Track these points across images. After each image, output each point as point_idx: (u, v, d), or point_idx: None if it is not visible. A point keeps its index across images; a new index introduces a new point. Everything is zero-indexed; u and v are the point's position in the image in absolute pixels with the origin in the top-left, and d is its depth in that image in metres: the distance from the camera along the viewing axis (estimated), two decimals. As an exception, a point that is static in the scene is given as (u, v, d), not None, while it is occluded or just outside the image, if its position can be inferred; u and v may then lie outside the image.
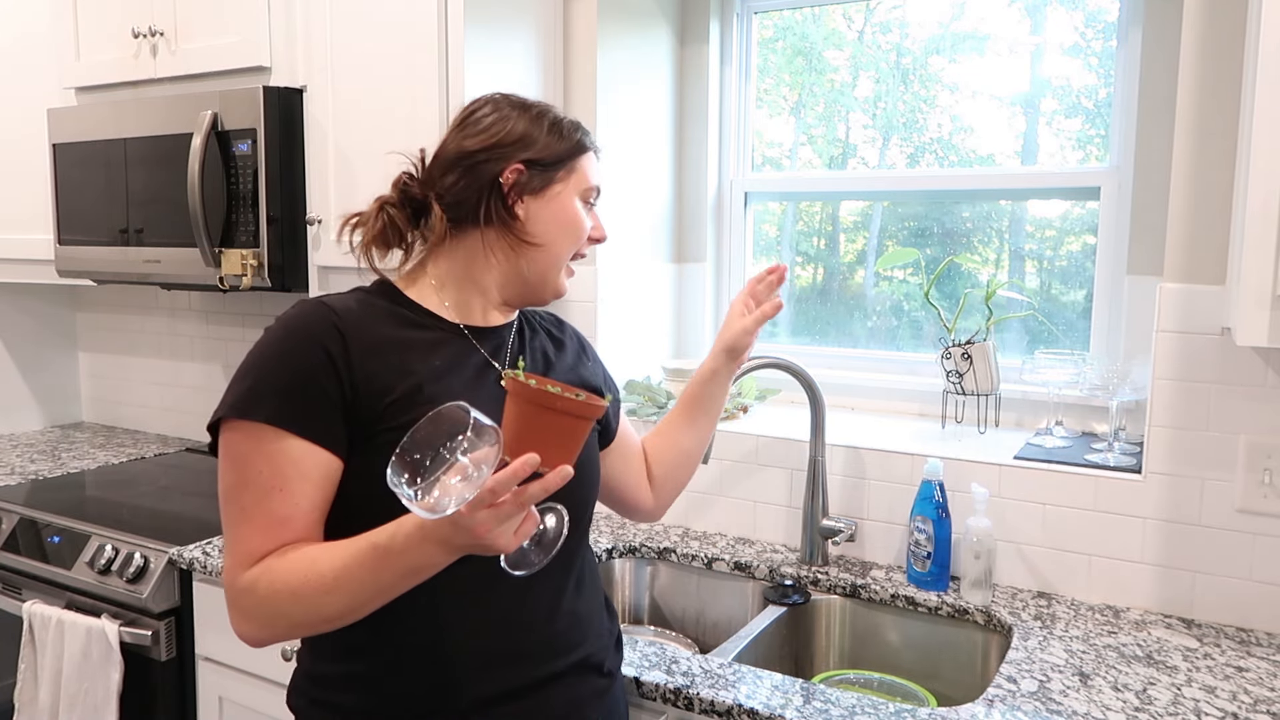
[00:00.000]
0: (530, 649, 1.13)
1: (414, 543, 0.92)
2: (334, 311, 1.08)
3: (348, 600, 0.97)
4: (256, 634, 1.02)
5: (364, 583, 0.95)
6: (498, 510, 0.87)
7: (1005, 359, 1.99)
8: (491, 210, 1.14)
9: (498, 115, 1.17)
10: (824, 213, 2.32)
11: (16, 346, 2.92)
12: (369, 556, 0.95)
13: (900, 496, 1.79)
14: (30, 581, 2.01)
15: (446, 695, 1.09)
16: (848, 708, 1.28)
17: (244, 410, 1.02)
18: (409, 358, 1.09)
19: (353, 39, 1.95)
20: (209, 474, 2.49)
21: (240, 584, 1.01)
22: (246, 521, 1.02)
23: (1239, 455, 1.53)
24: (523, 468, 0.87)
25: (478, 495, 0.85)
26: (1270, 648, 1.48)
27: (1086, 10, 1.95)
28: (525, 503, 0.88)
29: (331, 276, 2.05)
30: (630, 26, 2.14)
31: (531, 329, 1.28)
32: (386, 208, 1.16)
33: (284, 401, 1.02)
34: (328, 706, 1.11)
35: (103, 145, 2.25)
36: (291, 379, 1.03)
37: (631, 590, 1.96)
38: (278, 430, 1.01)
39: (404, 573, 0.95)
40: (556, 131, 1.18)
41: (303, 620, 1.00)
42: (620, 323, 2.16)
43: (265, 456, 1.02)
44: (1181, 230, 1.54)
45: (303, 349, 1.04)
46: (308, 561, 0.98)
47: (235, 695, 1.85)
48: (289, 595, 0.98)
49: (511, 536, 0.90)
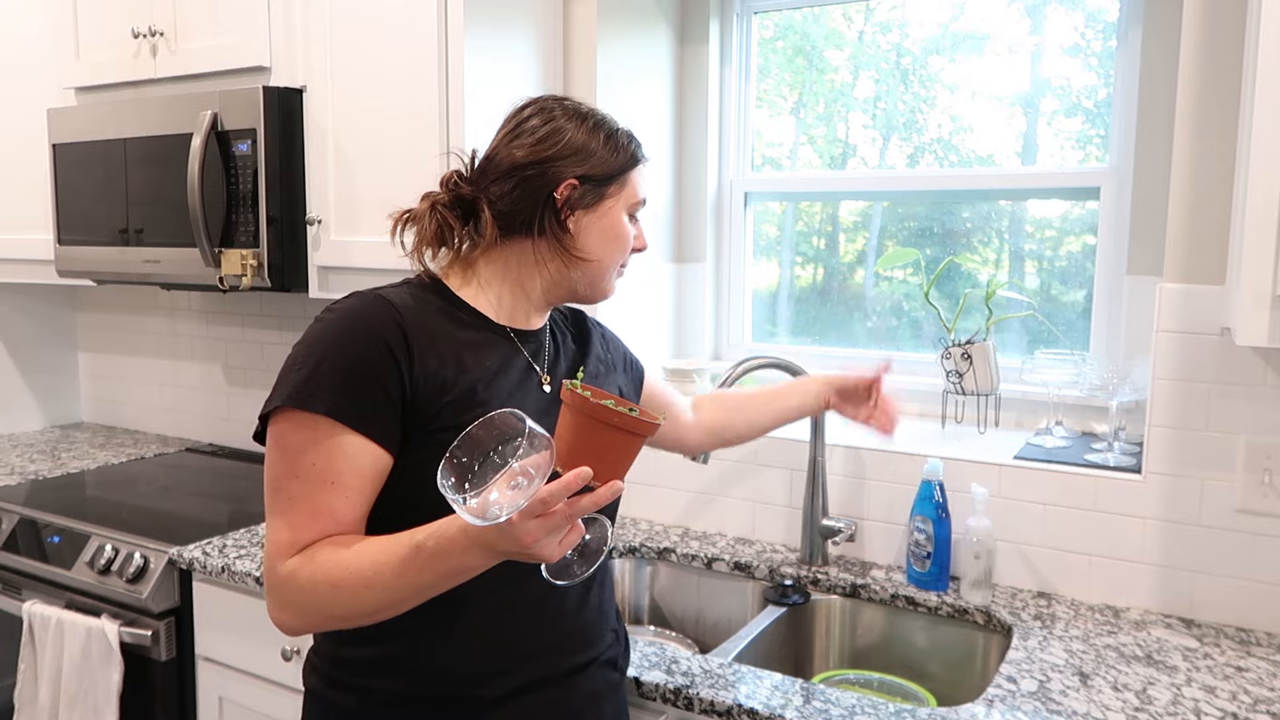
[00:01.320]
0: (557, 641, 1.15)
1: (458, 546, 0.92)
2: (394, 307, 1.07)
3: (386, 596, 0.97)
4: (292, 622, 1.03)
5: (405, 580, 0.96)
6: (547, 520, 0.87)
7: (1005, 359, 1.99)
8: (545, 223, 1.14)
9: (551, 126, 1.16)
10: (824, 213, 2.32)
11: (16, 346, 2.92)
12: (411, 556, 0.95)
13: (900, 496, 1.79)
14: (30, 581, 2.01)
15: (477, 683, 1.10)
16: (848, 708, 1.28)
17: (301, 401, 1.01)
18: (465, 358, 1.09)
19: (353, 39, 1.95)
20: (209, 474, 2.49)
21: (281, 572, 1.01)
22: (294, 511, 1.01)
23: (1239, 455, 1.53)
24: (576, 480, 0.87)
25: (529, 504, 0.85)
26: (1270, 648, 1.48)
27: (1086, 10, 1.95)
28: (575, 515, 0.88)
29: (332, 276, 2.05)
30: (630, 26, 2.14)
31: (561, 331, 1.28)
32: (438, 207, 1.15)
33: (343, 395, 1.01)
34: (350, 688, 1.12)
35: (102, 145, 2.25)
36: (351, 372, 1.02)
37: (631, 590, 1.96)
38: (334, 423, 1.00)
39: (445, 574, 0.95)
40: (612, 145, 1.17)
41: (339, 613, 1.00)
42: (620, 323, 2.15)
43: (320, 450, 1.00)
44: (1181, 230, 1.54)
45: (364, 342, 1.03)
46: (349, 555, 0.98)
47: (235, 695, 1.85)
48: (329, 587, 0.98)
49: (556, 546, 0.90)
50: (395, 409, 1.03)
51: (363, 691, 1.11)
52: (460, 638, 1.10)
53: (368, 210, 1.98)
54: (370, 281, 1.22)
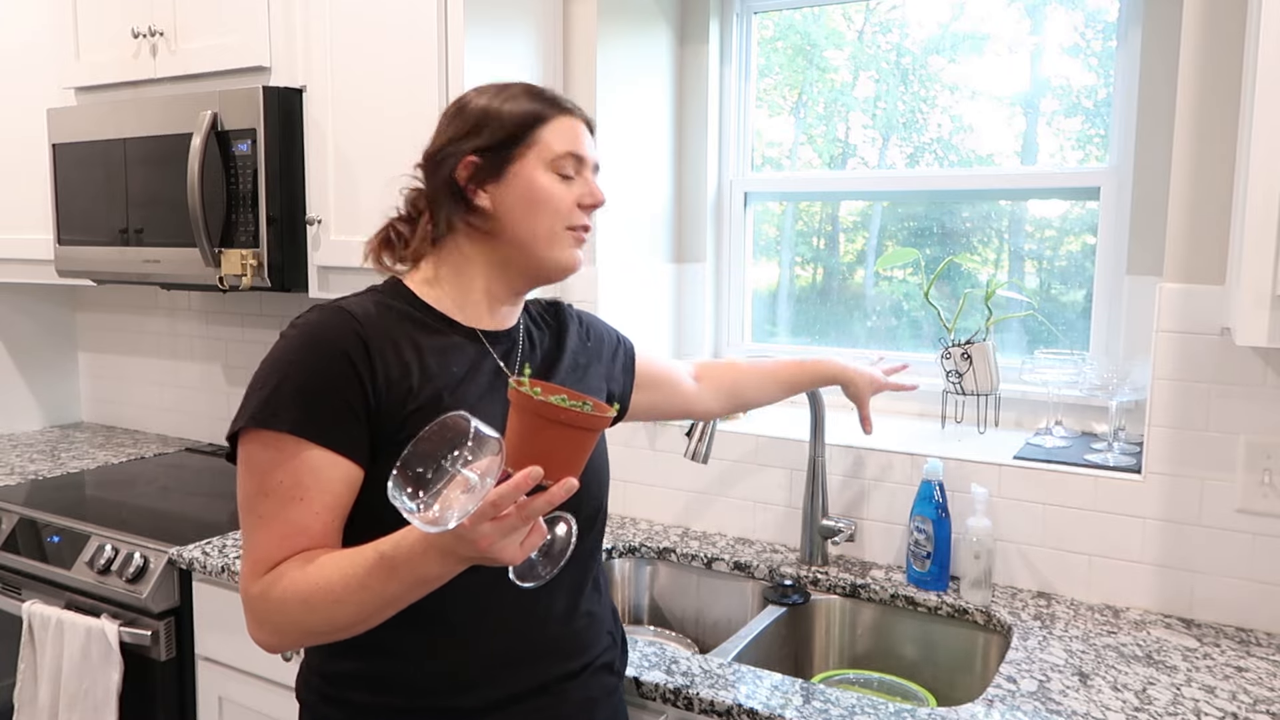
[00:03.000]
0: (547, 648, 1.14)
1: (418, 554, 0.91)
2: (354, 317, 1.05)
3: (357, 610, 0.96)
4: (269, 639, 1.02)
5: (372, 592, 0.94)
6: (501, 524, 0.85)
7: (1005, 359, 1.99)
8: (455, 210, 1.11)
9: (457, 107, 1.14)
10: (824, 213, 2.32)
11: (16, 346, 2.92)
12: (376, 566, 0.94)
13: (900, 496, 1.79)
14: (30, 581, 2.01)
15: (464, 693, 1.09)
16: (847, 708, 1.28)
17: (264, 420, 1.00)
18: (429, 364, 1.07)
19: (353, 39, 1.95)
20: (208, 474, 2.49)
21: (254, 590, 1.01)
22: (263, 529, 1.01)
23: (1239, 455, 1.53)
24: (526, 480, 0.85)
25: (479, 508, 0.83)
26: (1270, 648, 1.48)
27: (1086, 10, 1.95)
28: (529, 516, 0.87)
29: (331, 276, 2.05)
30: (630, 26, 2.14)
31: (538, 327, 1.25)
32: (391, 219, 1.17)
33: (305, 411, 1.00)
34: (338, 702, 1.11)
35: (102, 145, 2.25)
36: (313, 387, 1.01)
37: (631, 590, 1.96)
38: (299, 440, 1.00)
39: (411, 584, 0.94)
40: (514, 105, 1.11)
41: (315, 629, 0.99)
42: (620, 323, 2.15)
43: (286, 467, 1.00)
44: (1181, 230, 1.54)
45: (323, 356, 1.02)
46: (316, 570, 0.97)
47: (235, 695, 1.85)
48: (300, 603, 0.97)
49: (517, 549, 0.89)
50: (360, 420, 1.02)
51: (349, 705, 1.11)
52: (441, 649, 1.09)
53: (368, 210, 1.98)
54: (369, 281, 1.22)
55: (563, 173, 1.13)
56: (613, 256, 2.10)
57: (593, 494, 1.17)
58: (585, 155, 1.15)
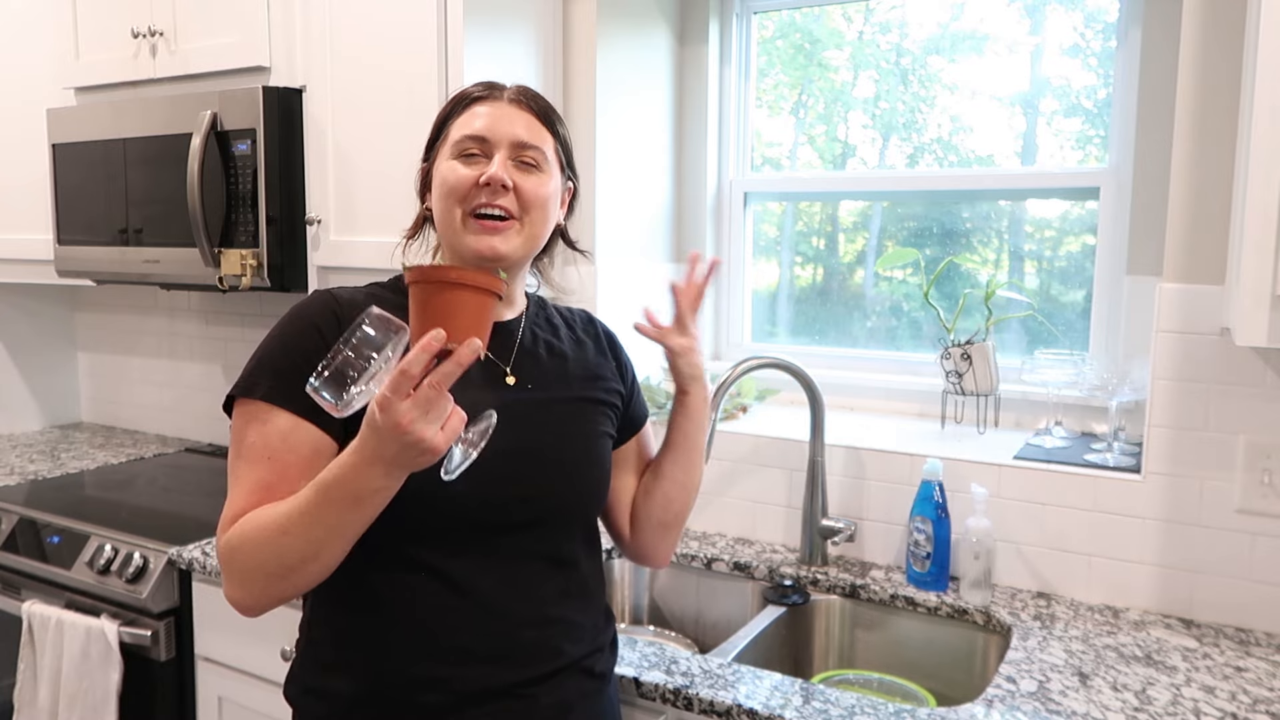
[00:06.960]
0: (511, 651, 1.13)
1: (348, 466, 0.94)
2: (335, 298, 1.13)
3: (304, 542, 0.98)
4: (235, 593, 1.05)
5: (313, 518, 0.97)
6: (417, 398, 0.87)
7: (1005, 359, 1.99)
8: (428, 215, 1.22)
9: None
10: (824, 213, 2.32)
11: (16, 346, 2.92)
12: (314, 491, 0.97)
13: (900, 496, 1.79)
14: (30, 581, 2.01)
15: (428, 689, 1.10)
16: (847, 708, 1.28)
17: (245, 389, 1.08)
18: None
19: (353, 39, 1.95)
20: (209, 474, 2.49)
21: (221, 545, 1.05)
22: (237, 487, 1.07)
23: (1238, 455, 1.53)
24: (432, 342, 0.88)
25: (391, 379, 0.87)
26: (1269, 648, 1.48)
27: (1086, 10, 1.95)
28: (441, 383, 0.88)
29: (331, 276, 2.05)
30: (630, 26, 2.14)
31: (551, 326, 1.27)
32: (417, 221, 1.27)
33: (278, 380, 1.07)
34: (319, 694, 1.14)
35: (102, 145, 2.25)
36: (286, 359, 1.08)
37: (631, 590, 1.96)
38: (270, 406, 1.06)
39: (348, 502, 0.95)
40: (442, 108, 1.21)
41: (271, 569, 1.01)
42: (619, 323, 2.15)
43: (257, 429, 1.06)
44: (1181, 230, 1.54)
45: (297, 331, 1.10)
46: (268, 510, 1.02)
47: (235, 695, 1.85)
48: (252, 545, 1.01)
49: (439, 432, 0.90)
50: None
51: (329, 695, 1.13)
52: (405, 647, 1.10)
53: (367, 210, 1.98)
54: (370, 281, 1.23)
55: (467, 153, 1.13)
56: (612, 256, 2.10)
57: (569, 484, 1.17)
58: (488, 135, 1.13)
